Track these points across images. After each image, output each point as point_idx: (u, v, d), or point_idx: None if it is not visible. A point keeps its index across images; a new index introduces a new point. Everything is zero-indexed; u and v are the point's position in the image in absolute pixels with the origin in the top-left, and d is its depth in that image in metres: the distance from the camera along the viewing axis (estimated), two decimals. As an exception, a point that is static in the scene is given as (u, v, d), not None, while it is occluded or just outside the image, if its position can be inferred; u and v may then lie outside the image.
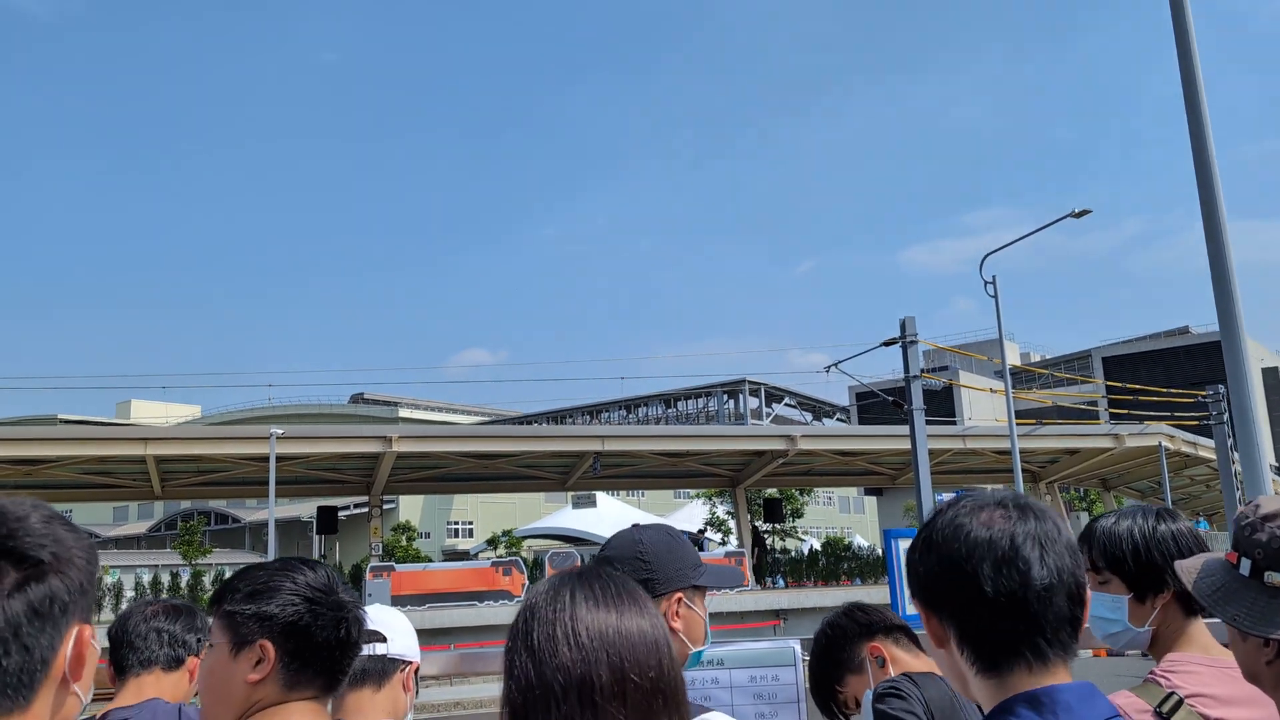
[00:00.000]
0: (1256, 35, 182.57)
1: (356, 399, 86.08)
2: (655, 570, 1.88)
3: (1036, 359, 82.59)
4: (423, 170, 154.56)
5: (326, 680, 1.70)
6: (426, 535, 64.85)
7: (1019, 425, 28.41)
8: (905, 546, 23.87)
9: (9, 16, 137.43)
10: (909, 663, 2.28)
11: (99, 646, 1.27)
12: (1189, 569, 1.72)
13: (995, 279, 25.61)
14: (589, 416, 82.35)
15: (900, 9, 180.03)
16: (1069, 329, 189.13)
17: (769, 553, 41.81)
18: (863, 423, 64.47)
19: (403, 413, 76.48)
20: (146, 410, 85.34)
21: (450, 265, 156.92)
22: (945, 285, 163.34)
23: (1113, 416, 46.08)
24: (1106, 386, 57.53)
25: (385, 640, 2.16)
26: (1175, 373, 66.92)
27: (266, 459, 26.84)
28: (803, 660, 2.83)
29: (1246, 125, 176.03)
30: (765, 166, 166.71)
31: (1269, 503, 1.57)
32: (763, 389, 79.00)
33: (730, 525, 49.64)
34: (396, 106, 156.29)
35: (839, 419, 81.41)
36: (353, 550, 52.20)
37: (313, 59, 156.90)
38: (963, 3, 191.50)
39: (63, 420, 70.63)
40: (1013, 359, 66.11)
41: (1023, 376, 71.07)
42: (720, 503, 53.87)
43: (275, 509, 28.69)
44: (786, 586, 38.17)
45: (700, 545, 42.39)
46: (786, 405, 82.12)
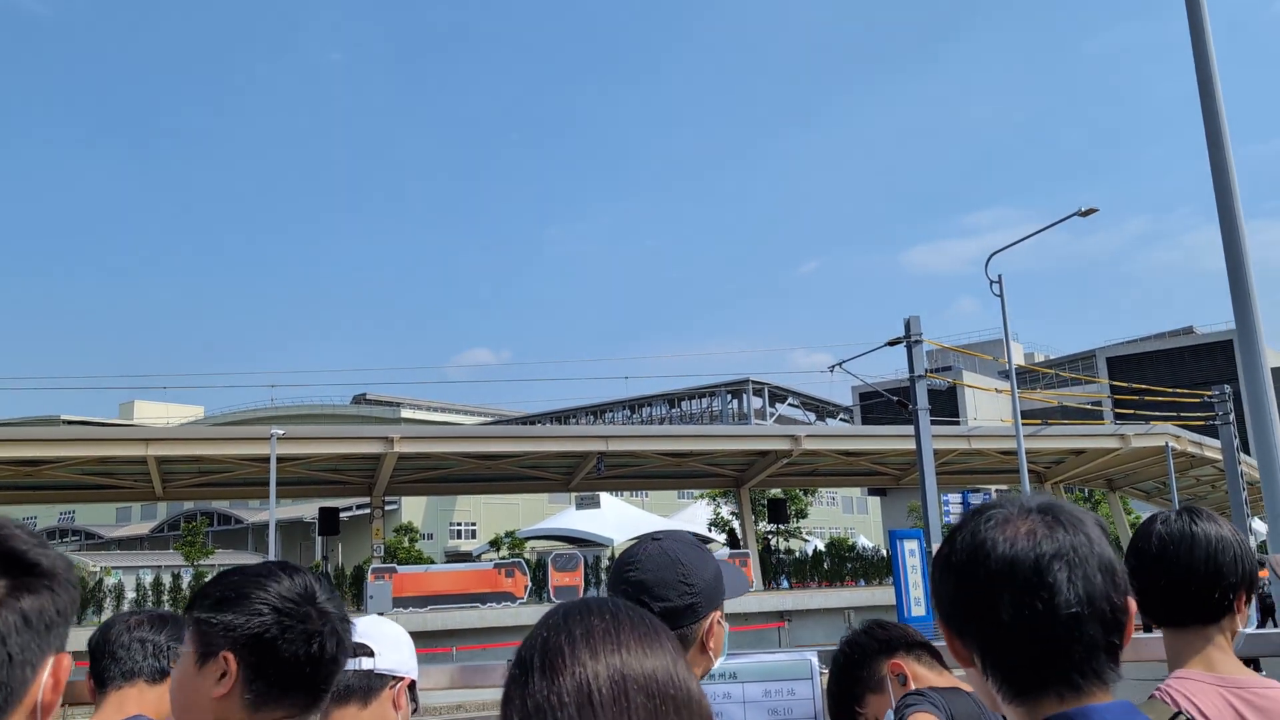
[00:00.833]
0: (1265, 33, 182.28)
1: (359, 399, 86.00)
2: (700, 593, 1.75)
3: (1041, 359, 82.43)
4: (427, 170, 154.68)
5: (302, 699, 1.54)
6: (429, 536, 64.75)
7: (1024, 425, 28.24)
8: (911, 548, 23.77)
9: (11, 16, 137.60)
10: (931, 680, 2.19)
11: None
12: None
13: (1000, 278, 25.42)
14: (593, 416, 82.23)
15: (905, 10, 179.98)
16: (1074, 329, 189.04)
17: (773, 553, 41.73)
18: (867, 423, 64.32)
19: (405, 413, 76.39)
20: (150, 411, 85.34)
21: (454, 265, 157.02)
22: (950, 285, 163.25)
23: (1118, 417, 45.92)
24: (1111, 386, 57.34)
25: (373, 654, 2.01)
26: (1180, 373, 66.74)
27: (267, 460, 26.73)
28: (820, 673, 2.69)
29: (1254, 124, 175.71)
30: (770, 166, 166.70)
31: None
32: (766, 389, 78.85)
33: (734, 526, 49.54)
34: (401, 106, 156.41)
35: (843, 419, 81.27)
36: (355, 551, 52.11)
37: (319, 58, 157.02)
38: (968, 3, 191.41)
39: (65, 421, 70.62)
40: (1017, 359, 65.93)
41: (1027, 376, 70.91)
42: (724, 503, 53.74)
43: (278, 510, 28.60)
44: (791, 587, 38.05)
45: (736, 543, 42.37)
46: (790, 405, 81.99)
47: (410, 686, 2.09)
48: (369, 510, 36.18)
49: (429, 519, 66.74)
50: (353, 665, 1.97)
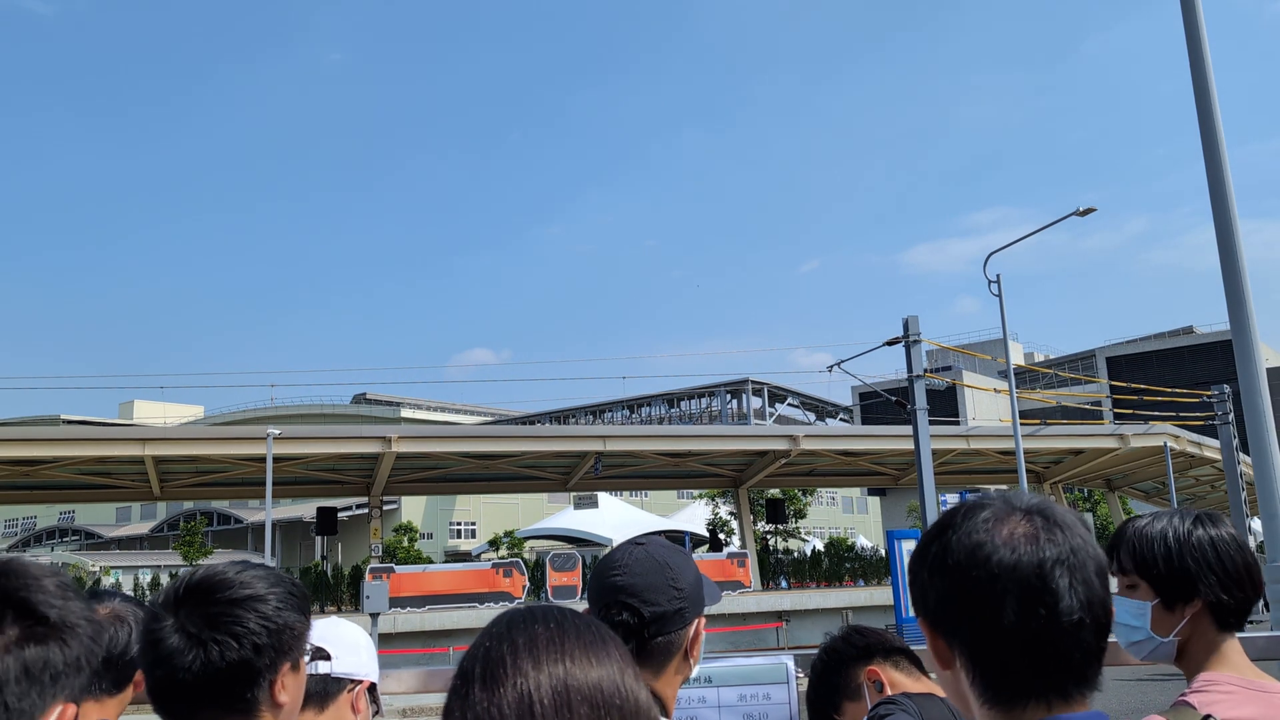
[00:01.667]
0: (1263, 33, 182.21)
1: (359, 399, 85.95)
2: (687, 598, 1.71)
3: (1040, 359, 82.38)
4: (428, 171, 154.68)
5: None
6: (429, 536, 64.72)
7: (1023, 425, 28.21)
8: (909, 548, 23.72)
9: (12, 15, 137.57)
10: (908, 687, 2.17)
11: None
12: None
13: (999, 277, 25.39)
14: (592, 416, 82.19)
15: (905, 10, 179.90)
16: (1073, 329, 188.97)
17: (771, 553, 41.69)
18: (866, 423, 64.29)
19: (405, 413, 76.35)
20: (149, 411, 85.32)
21: (454, 265, 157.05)
22: (949, 285, 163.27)
23: (1117, 416, 45.86)
24: (1111, 386, 57.28)
25: (329, 658, 1.96)
26: (1180, 373, 66.69)
27: (264, 459, 26.70)
28: (796, 677, 2.65)
29: (1254, 122, 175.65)
30: (770, 165, 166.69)
31: None
32: (766, 389, 78.81)
33: (733, 526, 49.51)
34: (402, 107, 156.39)
35: (842, 419, 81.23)
36: (355, 551, 52.07)
37: (320, 59, 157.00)
38: (968, 4, 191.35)
39: (65, 421, 70.62)
40: (1016, 359, 65.92)
41: (1027, 376, 70.86)
42: (723, 503, 53.73)
43: (278, 510, 28.55)
44: (789, 587, 38.02)
45: (720, 546, 42.33)
46: (789, 405, 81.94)
47: (370, 689, 2.05)
48: (368, 510, 36.16)
49: (429, 518, 66.72)
50: (309, 670, 1.96)
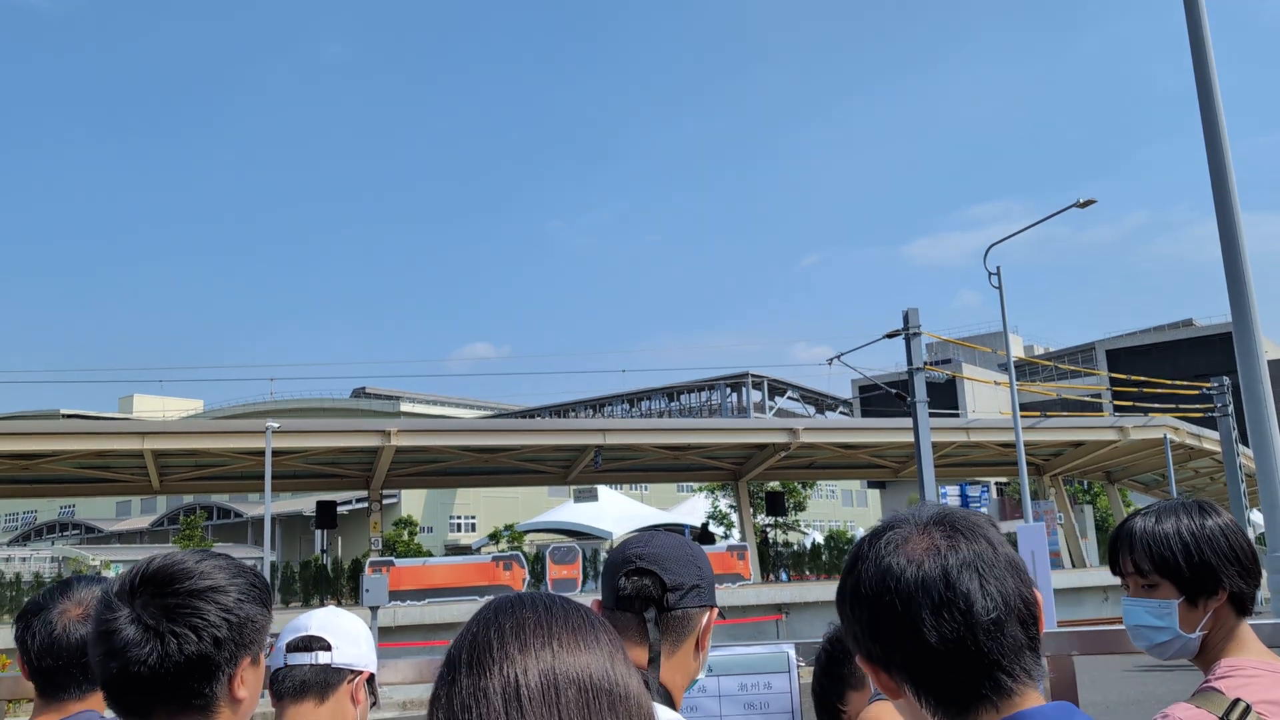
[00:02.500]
0: (1266, 26, 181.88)
1: (359, 393, 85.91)
2: (706, 581, 1.76)
3: (1041, 352, 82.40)
4: (427, 164, 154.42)
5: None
6: (429, 529, 64.74)
7: (1023, 418, 28.20)
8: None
9: (10, 8, 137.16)
10: None
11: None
12: None
13: (999, 270, 25.33)
14: (591, 410, 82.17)
15: (906, 3, 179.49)
16: (1073, 322, 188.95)
17: (771, 546, 41.71)
18: (866, 415, 64.27)
19: (405, 407, 76.32)
20: (149, 404, 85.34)
21: (455, 259, 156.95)
22: (950, 279, 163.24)
23: (1117, 409, 45.80)
24: (1111, 379, 57.29)
25: (330, 648, 1.95)
26: (1180, 365, 66.70)
27: (263, 453, 26.67)
28: (797, 666, 2.63)
29: (1255, 116, 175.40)
30: (771, 160, 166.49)
31: None
32: (766, 382, 78.79)
33: (732, 519, 49.53)
34: (402, 100, 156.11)
35: (842, 412, 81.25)
36: (355, 545, 52.10)
37: (319, 52, 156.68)
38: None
39: (64, 414, 70.60)
40: (1017, 351, 65.85)
41: (1027, 369, 70.81)
42: (722, 496, 53.75)
43: (278, 504, 28.53)
44: (789, 580, 38.04)
45: (711, 539, 42.36)
46: (789, 398, 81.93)
47: (369, 680, 2.03)
48: (367, 504, 36.15)
49: (429, 512, 66.72)
50: (308, 660, 1.93)
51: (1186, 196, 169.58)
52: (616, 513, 54.28)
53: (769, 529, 47.95)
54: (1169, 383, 39.99)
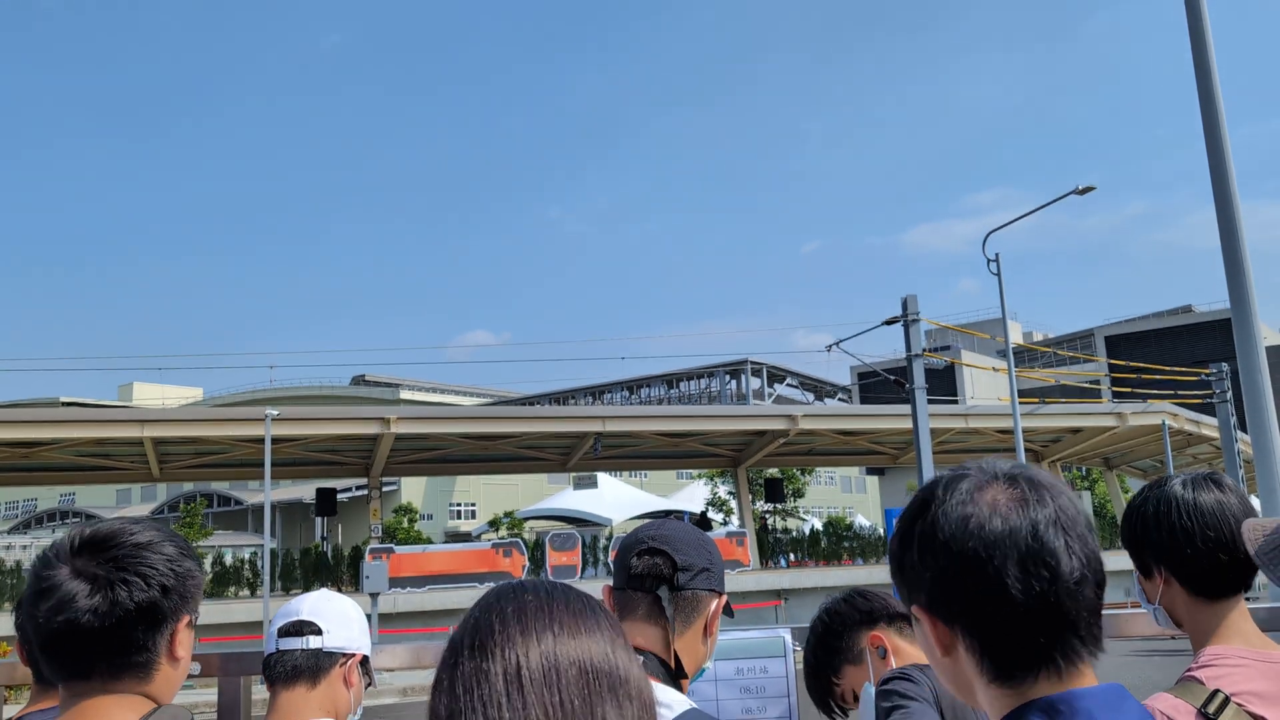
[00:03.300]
0: (1266, 12, 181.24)
1: (358, 380, 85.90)
2: (716, 566, 1.78)
3: (1039, 338, 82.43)
4: (426, 151, 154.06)
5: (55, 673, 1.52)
6: (429, 517, 64.84)
7: (1021, 404, 28.22)
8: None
9: (17, 3, 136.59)
10: (912, 654, 2.13)
11: None
12: (1261, 527, 1.55)
13: (998, 256, 25.31)
14: (591, 397, 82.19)
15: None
16: (1072, 309, 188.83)
17: (770, 533, 41.81)
18: (865, 402, 64.38)
19: (405, 394, 76.33)
20: (148, 392, 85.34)
21: (454, 246, 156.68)
22: (950, 265, 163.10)
23: (1115, 395, 45.90)
24: (1109, 365, 57.34)
25: (320, 632, 1.96)
26: (1178, 351, 66.73)
27: (263, 440, 26.70)
28: (794, 650, 2.64)
29: (1253, 103, 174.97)
30: (771, 147, 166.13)
31: None
32: (765, 369, 78.81)
33: (732, 505, 49.64)
34: (400, 87, 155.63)
35: (841, 399, 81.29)
36: (355, 532, 52.19)
37: (317, 41, 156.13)
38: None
39: (64, 402, 70.59)
40: (1015, 338, 65.89)
41: (1025, 355, 70.84)
42: (722, 483, 53.84)
43: (278, 491, 28.55)
44: (788, 566, 38.16)
45: (707, 526, 42.45)
46: (789, 385, 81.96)
47: (363, 662, 2.04)
48: (367, 491, 36.22)
49: (429, 499, 66.81)
50: (299, 644, 1.94)
51: (1186, 183, 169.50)
52: (616, 500, 54.40)
53: (768, 515, 48.07)
54: (1167, 369, 40.02)
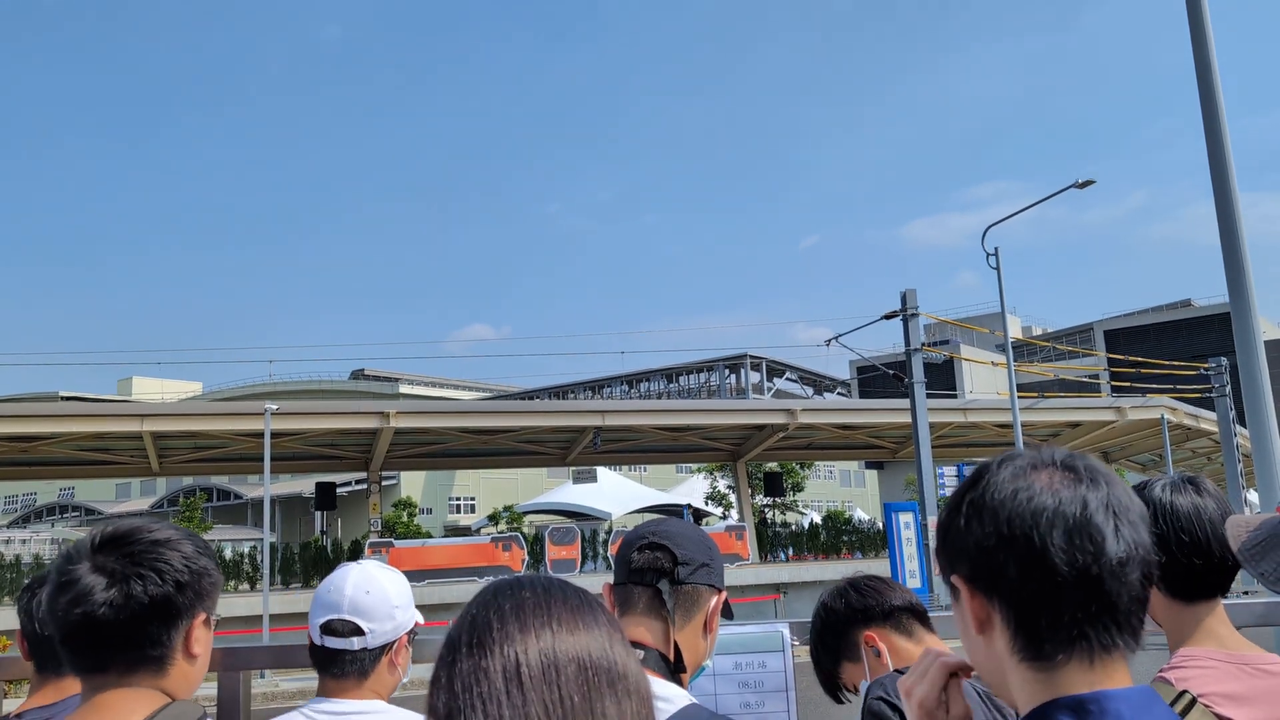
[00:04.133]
0: (1264, 6, 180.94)
1: (357, 375, 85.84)
2: (716, 563, 1.80)
3: (1038, 332, 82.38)
4: (425, 145, 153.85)
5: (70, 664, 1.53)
6: (428, 511, 64.84)
7: (1020, 398, 28.22)
8: (906, 520, 23.79)
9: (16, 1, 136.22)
10: (909, 651, 2.11)
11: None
12: (1245, 524, 1.55)
13: (997, 251, 25.30)
14: (590, 391, 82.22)
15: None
16: (1071, 303, 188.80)
17: (770, 527, 41.85)
18: (864, 396, 64.36)
19: (404, 389, 76.29)
20: (148, 387, 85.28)
21: (454, 241, 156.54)
22: (949, 260, 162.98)
23: (1115, 389, 45.85)
24: (1108, 359, 57.30)
25: (364, 633, 1.92)
26: (1177, 345, 66.74)
27: (262, 435, 26.69)
28: (792, 645, 2.64)
29: (1255, 96, 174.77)
30: (769, 140, 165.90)
31: None
32: (764, 363, 78.85)
33: (731, 499, 49.65)
34: (399, 81, 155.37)
35: (840, 393, 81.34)
36: (354, 526, 52.19)
37: (316, 33, 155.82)
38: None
39: (63, 397, 70.58)
40: (1014, 332, 65.89)
41: (1024, 350, 70.86)
42: (721, 477, 53.87)
43: (278, 485, 28.54)
44: (788, 560, 38.19)
45: (699, 520, 42.48)
46: (788, 379, 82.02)
47: (409, 638, 2.03)
48: (366, 485, 36.23)
49: (428, 494, 66.82)
50: (342, 645, 1.91)
51: (1186, 176, 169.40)
52: (615, 494, 54.39)
53: (767, 509, 48.11)
54: (1167, 363, 40.01)
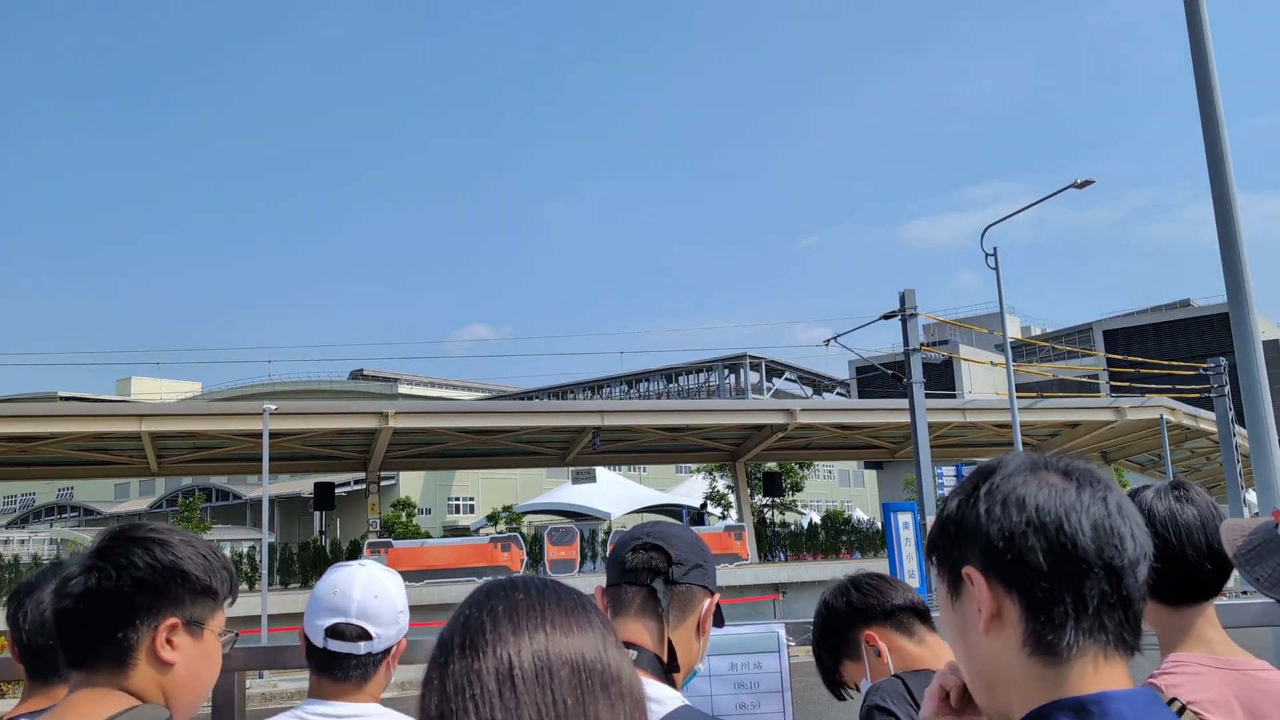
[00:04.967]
0: (1263, 8, 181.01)
1: (356, 375, 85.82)
2: (709, 565, 1.82)
3: (1038, 332, 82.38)
4: (426, 146, 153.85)
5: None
6: (427, 511, 64.81)
7: (1019, 398, 28.22)
8: (905, 520, 23.72)
9: (17, 2, 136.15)
10: (909, 651, 2.11)
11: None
12: (1240, 528, 1.55)
13: (995, 251, 25.31)
14: (590, 392, 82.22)
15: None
16: (1071, 303, 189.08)
17: (768, 526, 41.85)
18: (863, 396, 64.34)
19: (403, 389, 76.27)
20: (147, 387, 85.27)
21: (453, 241, 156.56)
22: (949, 259, 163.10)
23: (1114, 389, 45.85)
24: (1107, 359, 57.32)
25: (371, 637, 1.92)
26: (1176, 345, 66.73)
27: (261, 435, 26.68)
28: (788, 646, 2.63)
29: (1255, 97, 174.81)
30: (769, 141, 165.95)
31: None
32: (763, 363, 78.86)
33: (730, 499, 49.64)
34: (399, 81, 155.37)
35: (839, 393, 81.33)
36: (353, 526, 52.17)
37: (317, 32, 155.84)
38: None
39: (62, 397, 70.55)
40: (1014, 332, 65.89)
41: (1023, 350, 70.86)
42: (720, 477, 53.86)
43: (276, 485, 28.52)
44: (787, 560, 38.19)
45: (701, 520, 42.51)
46: (787, 379, 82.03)
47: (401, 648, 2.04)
48: (365, 485, 36.21)
49: (427, 494, 66.78)
50: (348, 649, 1.90)
51: (1186, 176, 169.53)
52: (614, 494, 54.40)
53: (766, 509, 48.09)
54: (1166, 363, 40.02)
